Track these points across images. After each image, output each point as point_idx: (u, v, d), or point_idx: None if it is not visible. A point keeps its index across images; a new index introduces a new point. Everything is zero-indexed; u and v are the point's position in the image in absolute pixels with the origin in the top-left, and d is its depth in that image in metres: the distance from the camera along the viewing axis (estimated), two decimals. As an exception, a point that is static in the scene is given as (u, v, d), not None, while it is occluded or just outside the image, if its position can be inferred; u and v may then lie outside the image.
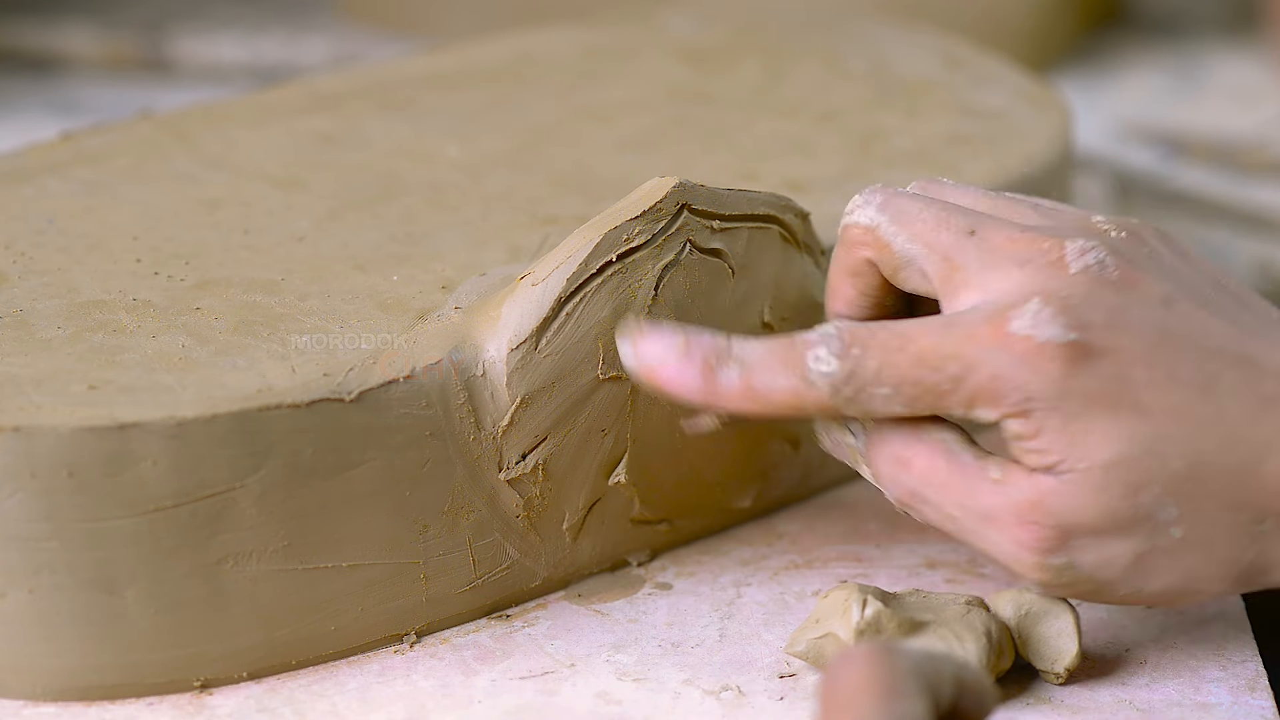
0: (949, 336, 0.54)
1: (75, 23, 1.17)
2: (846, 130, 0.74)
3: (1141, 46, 1.16)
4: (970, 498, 0.55)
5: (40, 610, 0.56)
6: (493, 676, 0.60)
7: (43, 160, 0.71)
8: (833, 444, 0.59)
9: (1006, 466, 0.55)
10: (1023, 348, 0.53)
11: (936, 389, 0.54)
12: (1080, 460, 0.53)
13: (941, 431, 0.56)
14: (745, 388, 0.55)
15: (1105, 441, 0.53)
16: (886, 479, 0.57)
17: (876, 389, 0.54)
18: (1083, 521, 0.54)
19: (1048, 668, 0.58)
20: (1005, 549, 0.55)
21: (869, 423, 0.56)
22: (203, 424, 0.56)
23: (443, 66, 0.80)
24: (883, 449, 0.56)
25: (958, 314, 0.55)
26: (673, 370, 0.56)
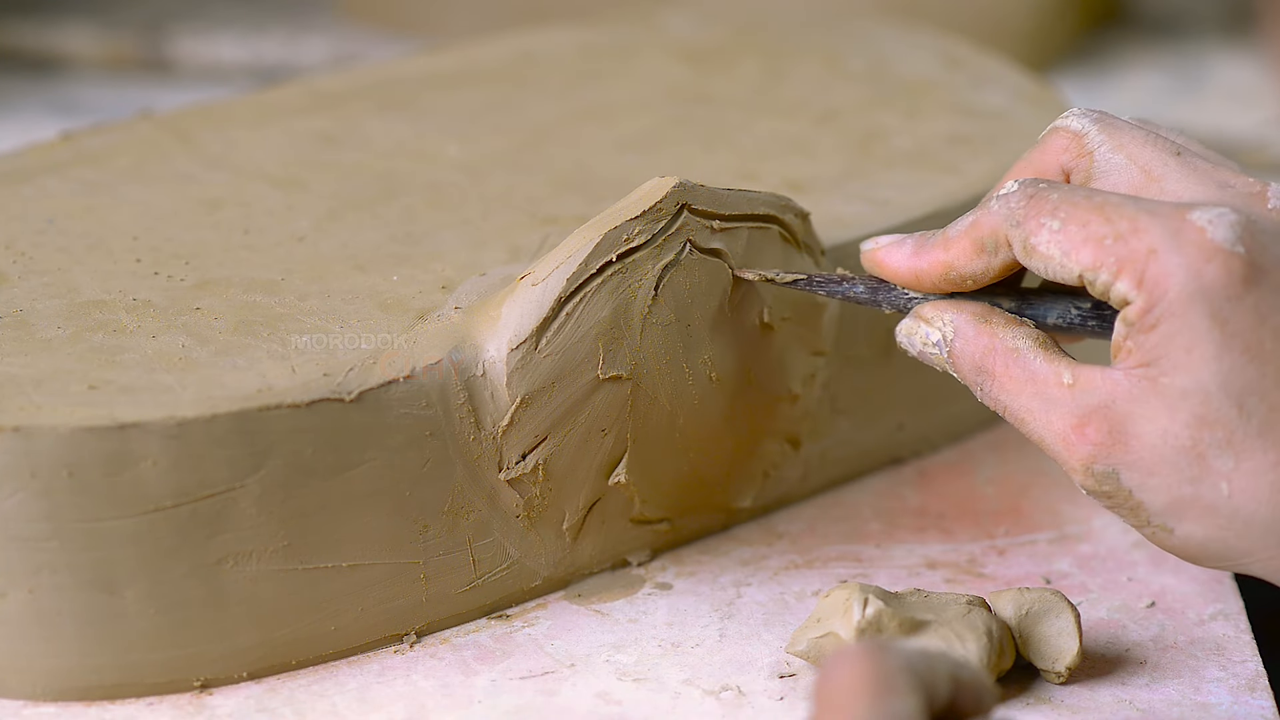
0: (1133, 201, 0.55)
1: (75, 23, 1.17)
2: (846, 130, 0.74)
3: (1141, 46, 1.16)
4: (1038, 402, 0.55)
5: (40, 610, 0.56)
6: (493, 676, 0.60)
7: (43, 160, 0.71)
8: (918, 354, 0.59)
9: (1079, 370, 0.55)
10: (1191, 236, 0.53)
11: (1099, 239, 0.54)
12: (1168, 371, 0.53)
13: (1018, 339, 0.56)
14: (942, 241, 0.58)
15: (1201, 365, 0.53)
16: (970, 383, 0.58)
17: (1049, 219, 0.55)
18: (1140, 434, 0.54)
19: (1049, 667, 0.58)
20: (1059, 449, 0.55)
21: (949, 332, 0.58)
22: (203, 424, 0.56)
23: (443, 66, 0.80)
24: (963, 357, 0.57)
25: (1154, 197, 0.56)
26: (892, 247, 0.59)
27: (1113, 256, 0.54)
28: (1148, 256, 0.53)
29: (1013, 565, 0.65)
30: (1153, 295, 0.53)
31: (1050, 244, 0.55)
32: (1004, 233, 0.56)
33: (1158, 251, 0.53)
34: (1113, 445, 0.54)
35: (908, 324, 0.59)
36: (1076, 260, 0.54)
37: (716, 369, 0.63)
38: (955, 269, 0.57)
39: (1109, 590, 0.63)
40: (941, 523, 0.67)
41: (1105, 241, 0.54)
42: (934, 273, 0.58)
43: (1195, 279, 0.53)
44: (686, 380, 0.62)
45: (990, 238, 0.56)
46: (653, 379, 0.61)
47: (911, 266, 0.58)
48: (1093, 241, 0.54)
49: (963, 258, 0.57)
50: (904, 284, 0.59)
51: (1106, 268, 0.54)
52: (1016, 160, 0.59)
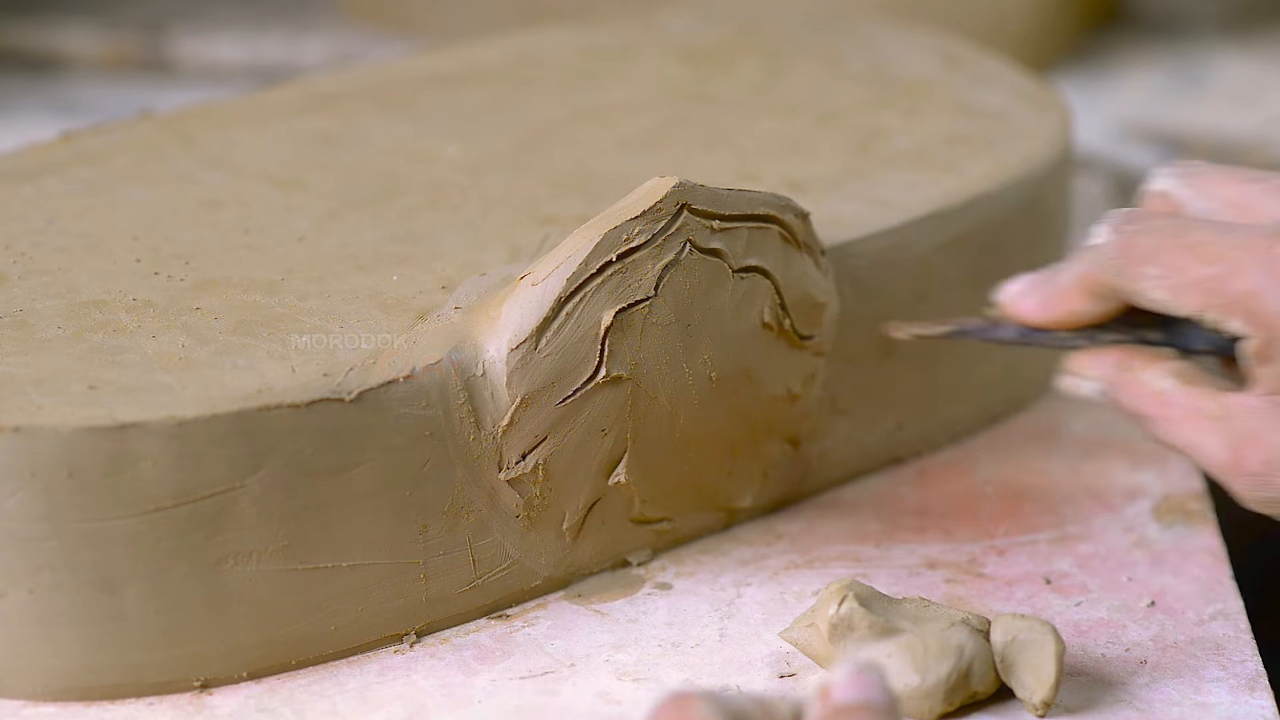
0: (1224, 238, 0.56)
1: (75, 23, 1.17)
2: (846, 130, 0.74)
3: (1141, 46, 1.16)
4: (1196, 433, 0.57)
5: (40, 610, 0.56)
6: (493, 676, 0.60)
7: (43, 160, 0.71)
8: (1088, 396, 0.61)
9: (1224, 400, 0.57)
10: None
11: (1202, 284, 0.56)
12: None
13: (1161, 380, 0.58)
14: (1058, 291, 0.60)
15: None
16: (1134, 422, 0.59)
17: (1147, 267, 0.57)
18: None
19: (1026, 697, 0.57)
20: (1226, 479, 0.57)
21: (1101, 385, 0.59)
22: (203, 424, 0.56)
23: (443, 66, 0.80)
24: (1119, 407, 0.59)
25: (1239, 224, 0.57)
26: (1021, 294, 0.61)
27: (1217, 298, 0.56)
28: (1248, 298, 0.55)
29: (1013, 565, 0.65)
30: (1267, 330, 0.55)
31: (1155, 290, 0.57)
32: (1110, 281, 0.58)
33: (1257, 292, 0.55)
34: (1268, 471, 0.56)
35: (1068, 382, 0.61)
36: (1183, 305, 0.57)
37: (716, 369, 0.63)
38: (1081, 316, 0.60)
39: (1109, 590, 0.63)
40: (941, 523, 0.67)
41: (1206, 285, 0.56)
42: (1066, 322, 0.60)
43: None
44: (686, 380, 0.62)
45: (1100, 287, 0.58)
46: (653, 379, 0.61)
47: (1046, 319, 0.61)
48: (1195, 288, 0.56)
49: (1082, 305, 0.59)
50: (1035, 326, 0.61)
51: (1213, 309, 0.56)
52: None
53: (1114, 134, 1.04)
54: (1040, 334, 0.61)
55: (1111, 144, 1.02)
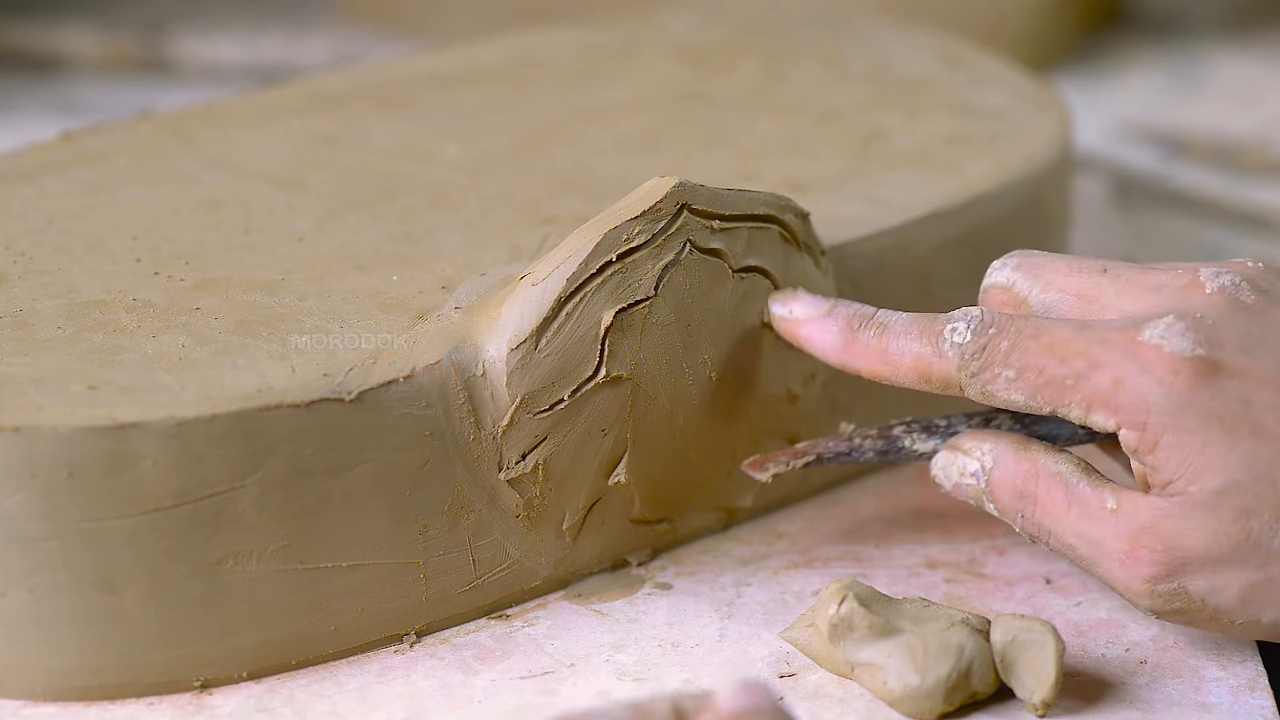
0: (1082, 335, 0.55)
1: (75, 23, 1.17)
2: (846, 130, 0.74)
3: (1141, 46, 1.16)
4: (1087, 526, 0.56)
5: (40, 610, 0.56)
6: (493, 676, 0.60)
7: (43, 160, 0.71)
8: (953, 486, 0.59)
9: (1122, 495, 0.56)
10: (1150, 356, 0.54)
11: (1060, 382, 0.55)
12: (1192, 481, 0.54)
13: (1060, 464, 0.57)
14: (880, 349, 0.58)
15: (1219, 463, 0.54)
16: (1010, 512, 0.58)
17: (1003, 369, 0.56)
18: (1192, 545, 0.54)
19: (1026, 697, 0.57)
20: (1119, 577, 0.56)
21: (988, 461, 0.58)
22: (203, 424, 0.56)
23: (443, 66, 0.80)
24: (1004, 485, 0.58)
25: (1095, 320, 0.56)
26: (816, 327, 0.60)
27: (1078, 395, 0.55)
28: (1114, 388, 0.55)
29: (1013, 565, 0.65)
30: (1137, 419, 0.54)
31: (1011, 391, 0.56)
32: (957, 379, 0.57)
33: (1123, 380, 0.54)
34: (1170, 561, 0.55)
35: (944, 457, 0.59)
36: (1043, 400, 0.56)
37: (716, 369, 0.63)
38: (892, 381, 0.59)
39: (1109, 590, 0.63)
40: (941, 523, 0.67)
41: (1065, 383, 0.55)
42: (866, 376, 0.59)
43: (1171, 392, 0.54)
44: (686, 380, 0.62)
45: (940, 379, 0.58)
46: (653, 379, 0.61)
47: (843, 362, 0.59)
48: (1053, 385, 0.55)
49: (903, 377, 0.58)
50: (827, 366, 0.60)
51: (1076, 405, 0.55)
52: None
53: (1114, 134, 1.04)
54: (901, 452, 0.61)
55: (1111, 144, 1.02)
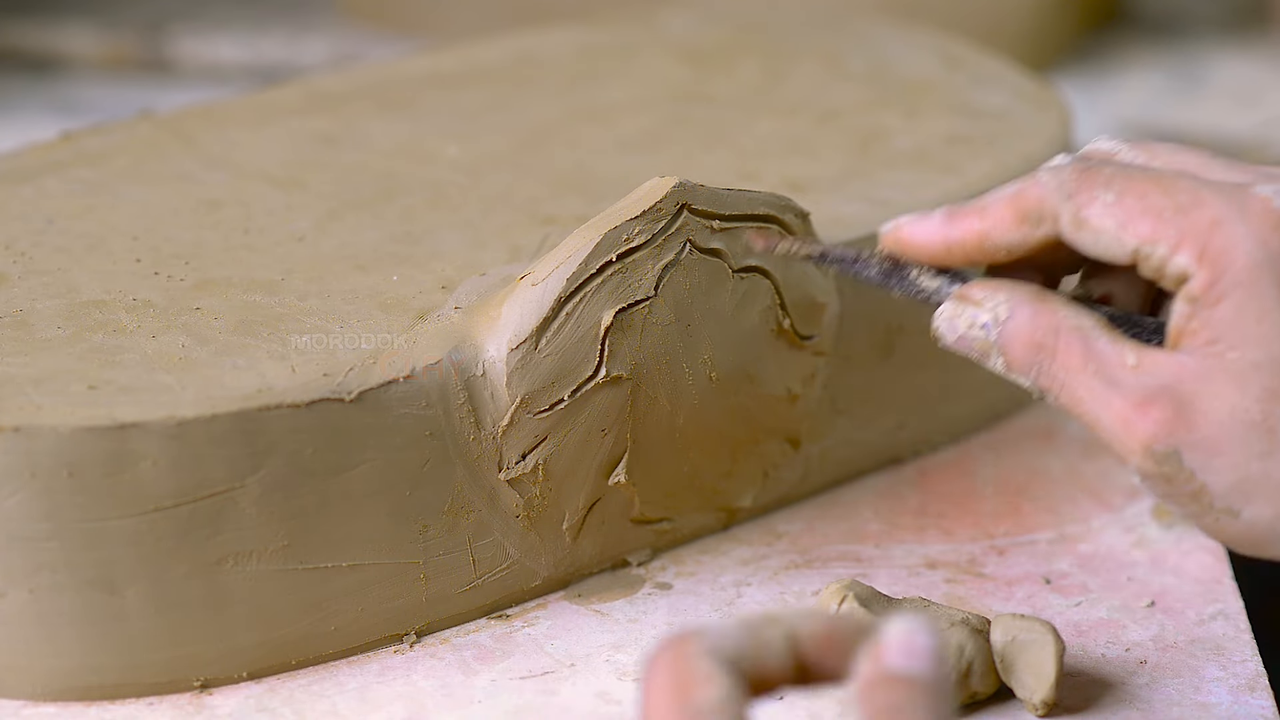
0: (1190, 177, 0.53)
1: (75, 23, 1.17)
2: (846, 130, 0.74)
3: (1141, 46, 1.16)
4: (1100, 382, 0.53)
5: (40, 610, 0.56)
6: (493, 676, 0.60)
7: (43, 160, 0.71)
8: (957, 339, 0.55)
9: (1144, 352, 0.53)
10: (1257, 207, 0.52)
11: (1159, 212, 0.53)
12: (1235, 346, 0.52)
13: (1081, 317, 0.54)
14: (979, 207, 0.55)
15: (1274, 335, 0.51)
16: (1021, 363, 0.54)
17: (1103, 192, 0.53)
18: (1206, 411, 0.52)
19: (1026, 697, 0.57)
20: (1118, 432, 0.53)
21: (1002, 312, 0.54)
22: (203, 424, 0.56)
23: (443, 66, 0.80)
24: (1019, 336, 0.54)
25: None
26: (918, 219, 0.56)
27: (1173, 228, 0.52)
28: (1211, 228, 0.52)
29: (1013, 565, 0.65)
30: (1218, 266, 0.52)
31: (1105, 215, 0.53)
32: (1052, 203, 0.54)
33: (1222, 222, 0.52)
34: (1176, 423, 0.52)
35: (950, 307, 0.56)
36: (1133, 232, 0.53)
37: (716, 369, 0.63)
38: (991, 238, 0.55)
39: (1109, 590, 0.63)
40: (941, 523, 0.67)
41: (1165, 214, 0.52)
42: (968, 241, 0.56)
43: (1263, 248, 0.52)
44: (686, 380, 0.62)
45: (1035, 208, 0.54)
46: (653, 379, 0.61)
47: (944, 235, 0.56)
48: (1151, 214, 0.53)
49: (1001, 226, 0.55)
50: (932, 256, 0.56)
51: (1165, 240, 0.52)
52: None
53: (1114, 134, 1.04)
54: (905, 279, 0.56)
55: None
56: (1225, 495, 0.52)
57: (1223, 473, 0.52)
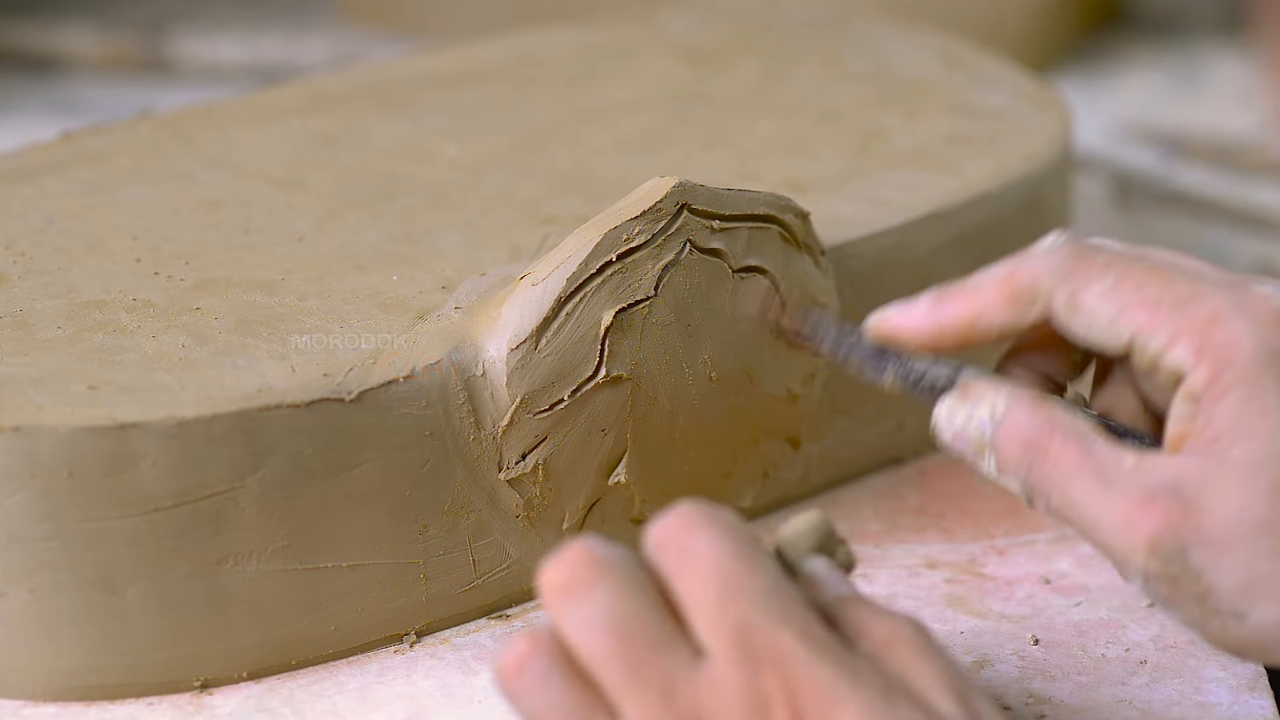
0: (1189, 270, 0.53)
1: (75, 23, 1.17)
2: (846, 130, 0.74)
3: (1141, 46, 1.16)
4: (1097, 485, 0.52)
5: (40, 610, 0.56)
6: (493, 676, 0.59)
7: (43, 160, 0.71)
8: (953, 436, 0.55)
9: (1143, 455, 0.52)
10: (1257, 304, 0.51)
11: (1155, 303, 0.52)
12: (1239, 442, 0.50)
13: (1077, 421, 0.53)
14: (968, 289, 0.55)
15: (1276, 431, 0.50)
16: (1014, 462, 0.53)
17: (1100, 276, 0.52)
18: (1212, 509, 0.50)
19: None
20: (1118, 534, 0.51)
21: (1000, 408, 0.53)
22: (203, 424, 0.56)
23: (443, 66, 0.80)
24: (1013, 435, 0.53)
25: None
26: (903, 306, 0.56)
27: (1170, 320, 0.51)
28: (1210, 322, 0.51)
29: (1013, 565, 0.65)
30: (1219, 362, 0.51)
31: (1101, 300, 0.52)
32: (1047, 284, 0.53)
33: (1222, 317, 0.51)
34: (1182, 521, 0.50)
35: (951, 402, 0.55)
36: (1130, 321, 0.52)
37: (716, 369, 0.63)
38: (983, 319, 0.54)
39: (1109, 590, 0.63)
40: (941, 523, 0.67)
41: (1162, 305, 0.52)
42: (958, 324, 0.55)
43: (1264, 344, 0.51)
44: (686, 380, 0.62)
45: (1029, 288, 0.54)
46: (653, 379, 0.61)
47: (933, 321, 0.55)
48: (1148, 304, 0.52)
49: (993, 307, 0.54)
50: (922, 344, 0.55)
51: (1162, 331, 0.52)
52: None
53: (1114, 134, 1.04)
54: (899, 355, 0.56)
55: (1111, 144, 1.02)
56: (1233, 596, 0.51)
57: (1231, 571, 0.50)
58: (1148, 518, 0.51)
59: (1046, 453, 0.53)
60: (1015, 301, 0.54)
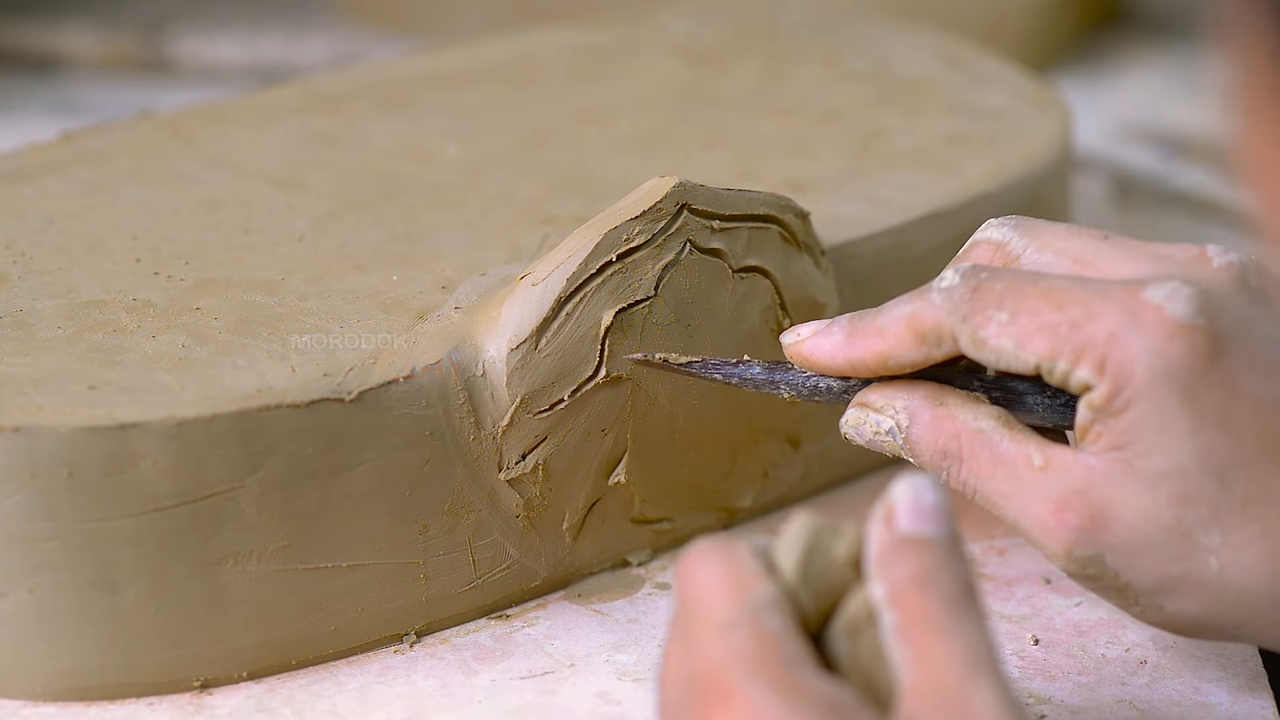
0: (1082, 285, 0.53)
1: (75, 23, 1.17)
2: (846, 130, 0.74)
3: (1141, 46, 1.16)
4: (1011, 487, 0.54)
5: (40, 610, 0.56)
6: (493, 676, 0.60)
7: (43, 160, 0.71)
8: (868, 443, 0.57)
9: (1050, 451, 0.53)
10: (1149, 317, 0.52)
11: (1054, 329, 0.52)
12: (1144, 454, 0.52)
13: (980, 419, 0.55)
14: (877, 326, 0.56)
15: (1175, 445, 0.52)
16: (933, 468, 0.56)
17: (996, 311, 0.53)
18: (1121, 517, 0.52)
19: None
20: (1039, 538, 0.54)
21: (903, 419, 0.56)
22: (203, 424, 0.56)
23: (443, 66, 0.80)
24: (924, 443, 0.55)
25: (1095, 278, 0.54)
26: (820, 336, 0.57)
27: (1069, 344, 0.52)
28: (1107, 341, 0.52)
29: (1013, 565, 0.65)
30: (1118, 380, 0.52)
31: (1000, 337, 0.53)
32: (949, 325, 0.54)
33: (1117, 335, 0.52)
34: (1095, 529, 0.53)
35: (854, 414, 0.57)
36: (1031, 350, 0.53)
37: (716, 369, 0.62)
38: (894, 358, 0.56)
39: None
40: (941, 523, 0.67)
41: (1059, 330, 0.53)
42: (871, 361, 0.56)
43: (1160, 359, 0.52)
44: (686, 380, 0.62)
45: (933, 330, 0.55)
46: (653, 379, 0.61)
47: (847, 356, 0.56)
48: (1046, 330, 0.53)
49: (901, 347, 0.55)
50: (837, 373, 0.57)
51: (1064, 356, 0.53)
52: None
53: (1114, 134, 1.04)
54: (790, 373, 0.58)
55: (1111, 144, 1.02)
56: (1149, 593, 0.53)
57: (1144, 573, 0.53)
58: (1062, 526, 0.53)
59: (959, 459, 0.55)
60: (922, 343, 0.55)
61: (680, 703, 0.46)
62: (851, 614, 0.47)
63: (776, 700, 0.44)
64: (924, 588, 0.46)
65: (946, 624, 0.45)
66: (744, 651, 0.45)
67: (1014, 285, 0.54)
